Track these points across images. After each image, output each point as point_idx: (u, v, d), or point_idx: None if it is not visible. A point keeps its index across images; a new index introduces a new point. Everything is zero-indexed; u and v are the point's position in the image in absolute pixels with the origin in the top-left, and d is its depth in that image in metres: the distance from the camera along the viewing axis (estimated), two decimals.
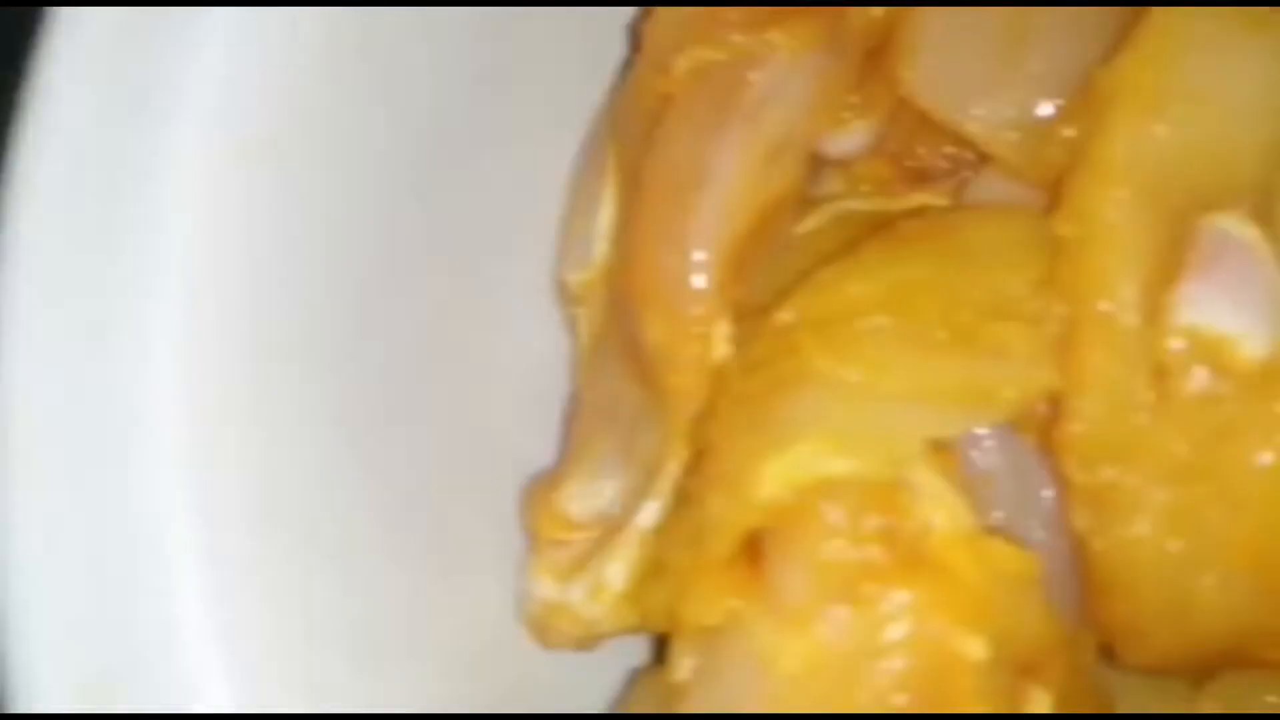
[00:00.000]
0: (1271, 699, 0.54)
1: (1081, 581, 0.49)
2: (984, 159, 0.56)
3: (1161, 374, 0.45)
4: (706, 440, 0.50)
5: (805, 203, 0.57)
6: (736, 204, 0.53)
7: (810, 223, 0.55)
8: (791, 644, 0.45)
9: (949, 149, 0.58)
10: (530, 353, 0.59)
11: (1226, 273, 0.45)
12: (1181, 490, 0.46)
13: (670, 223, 0.53)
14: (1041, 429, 0.50)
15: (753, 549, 0.48)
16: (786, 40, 0.52)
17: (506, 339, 0.58)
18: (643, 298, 0.54)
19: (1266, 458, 0.45)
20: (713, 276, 0.53)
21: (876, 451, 0.45)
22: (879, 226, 0.55)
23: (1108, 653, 0.52)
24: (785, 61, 0.52)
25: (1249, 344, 0.44)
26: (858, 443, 0.45)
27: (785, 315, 0.50)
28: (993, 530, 0.47)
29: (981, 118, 0.54)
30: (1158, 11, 0.50)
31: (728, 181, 0.52)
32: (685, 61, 0.53)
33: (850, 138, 0.57)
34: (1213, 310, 0.45)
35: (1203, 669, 0.50)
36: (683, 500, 0.51)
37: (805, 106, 0.53)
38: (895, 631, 0.44)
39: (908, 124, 0.58)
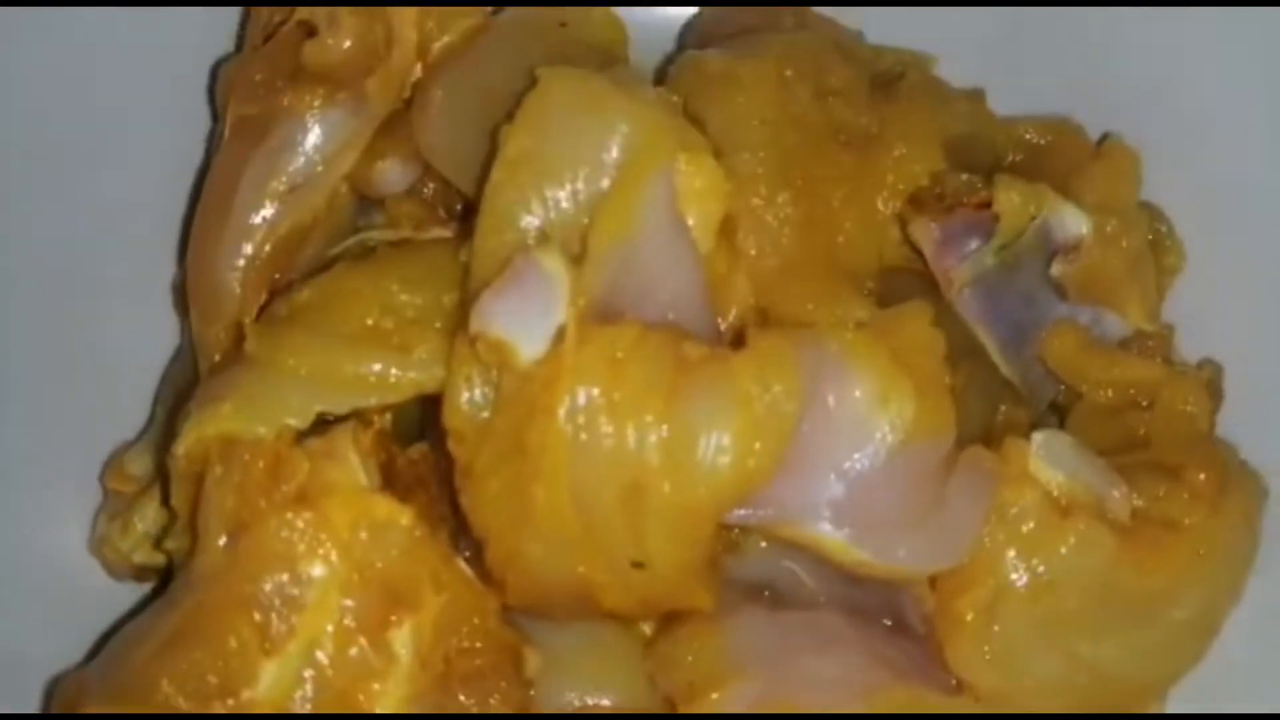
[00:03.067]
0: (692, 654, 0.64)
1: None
2: None
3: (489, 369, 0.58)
4: None
5: (349, 231, 0.71)
6: (257, 227, 0.67)
7: (340, 247, 0.69)
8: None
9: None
10: (130, 347, 0.73)
11: (520, 294, 0.56)
12: (511, 464, 0.58)
13: (208, 240, 0.67)
14: None
15: None
16: (298, 103, 0.65)
17: (112, 336, 0.73)
18: (193, 298, 0.68)
19: (550, 438, 0.56)
20: (241, 281, 0.67)
21: (268, 417, 0.58)
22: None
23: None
24: (301, 117, 0.66)
25: (525, 347, 0.56)
26: (255, 409, 0.58)
27: (279, 309, 0.64)
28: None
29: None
30: None
31: (247, 210, 0.66)
32: (230, 114, 0.67)
33: (385, 181, 0.70)
34: (498, 320, 0.56)
35: (576, 613, 0.61)
36: None
37: (321, 154, 0.67)
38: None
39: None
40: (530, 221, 0.60)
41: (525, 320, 0.56)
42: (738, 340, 0.60)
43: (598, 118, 0.60)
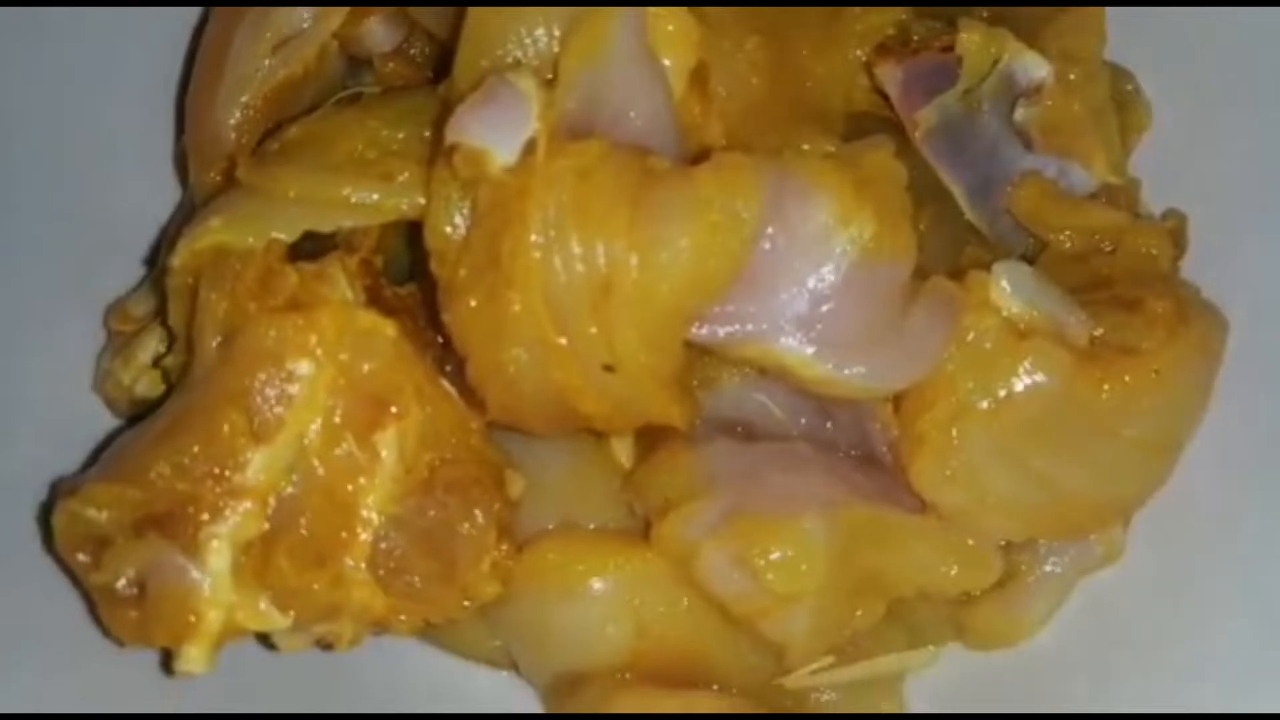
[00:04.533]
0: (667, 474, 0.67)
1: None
2: None
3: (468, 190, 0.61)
4: None
5: (340, 89, 0.74)
6: (251, 78, 0.70)
7: (331, 101, 0.72)
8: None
9: None
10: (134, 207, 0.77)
11: (494, 107, 0.59)
12: (488, 277, 0.60)
13: (205, 92, 0.71)
14: None
15: None
16: None
17: (118, 196, 0.76)
18: (190, 146, 0.72)
19: (522, 245, 0.59)
20: (236, 129, 0.70)
21: (257, 230, 0.61)
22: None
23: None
24: None
25: (498, 154, 0.59)
26: (245, 223, 0.62)
27: (270, 145, 0.67)
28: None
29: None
30: None
31: (241, 61, 0.70)
32: None
33: (372, 38, 0.73)
34: (472, 130, 0.59)
35: (556, 423, 0.64)
36: None
37: (310, 10, 0.71)
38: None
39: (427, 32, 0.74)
40: (508, 51, 0.64)
41: (498, 130, 0.59)
42: (702, 159, 0.63)
43: None
